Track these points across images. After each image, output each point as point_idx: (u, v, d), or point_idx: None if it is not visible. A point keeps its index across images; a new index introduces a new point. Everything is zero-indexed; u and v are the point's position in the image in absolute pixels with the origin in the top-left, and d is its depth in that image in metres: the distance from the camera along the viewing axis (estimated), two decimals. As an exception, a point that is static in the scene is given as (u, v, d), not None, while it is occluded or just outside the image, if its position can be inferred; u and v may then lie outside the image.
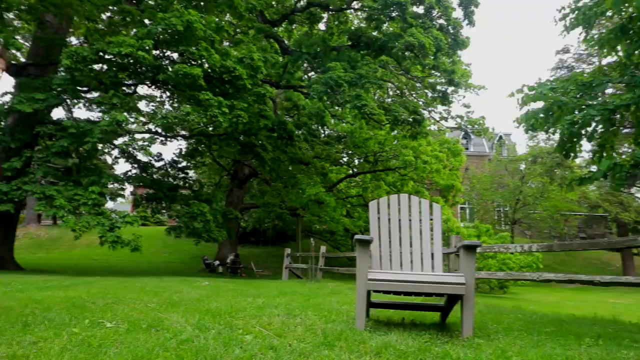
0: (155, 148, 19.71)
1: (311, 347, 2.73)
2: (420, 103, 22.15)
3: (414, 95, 23.26)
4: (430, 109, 23.85)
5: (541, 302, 15.35)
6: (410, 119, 16.72)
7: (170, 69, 13.52)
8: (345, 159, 25.29)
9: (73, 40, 17.62)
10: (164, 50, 14.27)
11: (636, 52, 6.12)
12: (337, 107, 18.45)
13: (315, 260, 13.23)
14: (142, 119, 20.71)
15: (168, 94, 18.09)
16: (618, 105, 5.47)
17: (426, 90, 21.31)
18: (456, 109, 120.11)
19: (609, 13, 6.13)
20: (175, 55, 14.57)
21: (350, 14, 19.81)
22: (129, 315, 3.67)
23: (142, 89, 18.12)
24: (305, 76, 22.12)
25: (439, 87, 19.32)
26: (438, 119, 24.87)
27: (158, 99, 20.14)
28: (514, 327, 4.01)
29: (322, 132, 24.82)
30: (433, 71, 17.42)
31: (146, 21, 13.57)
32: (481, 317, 4.70)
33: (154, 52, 13.43)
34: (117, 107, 12.56)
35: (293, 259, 16.27)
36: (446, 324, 4.04)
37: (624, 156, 6.44)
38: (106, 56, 12.52)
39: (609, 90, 9.34)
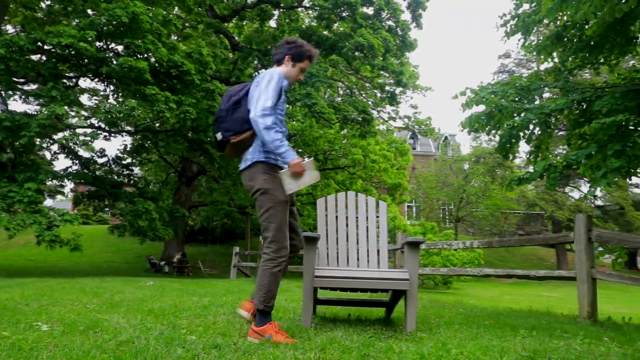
0: (98, 144, 18.97)
1: (256, 345, 2.72)
2: (370, 103, 22.48)
3: (364, 95, 23.59)
4: (379, 109, 24.26)
5: (482, 296, 16.00)
6: (360, 119, 16.96)
7: (114, 62, 13.03)
8: (295, 157, 25.24)
9: (9, 28, 16.64)
10: (108, 42, 13.73)
11: (570, 58, 6.48)
12: (287, 105, 18.40)
13: (264, 259, 13.13)
14: (84, 113, 19.81)
15: (112, 87, 17.42)
16: (553, 109, 5.77)
17: (375, 91, 21.64)
18: (404, 110, 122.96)
19: (545, 21, 6.45)
20: (120, 48, 14.05)
21: (301, 12, 19.83)
22: (65, 317, 3.51)
23: (85, 82, 17.37)
24: (256, 73, 21.92)
25: (387, 88, 19.68)
26: (386, 119, 25.33)
27: (102, 93, 19.36)
28: (455, 321, 4.14)
29: (272, 130, 24.64)
30: (382, 72, 17.73)
31: (89, 11, 13.02)
32: (424, 311, 4.83)
33: (97, 43, 12.89)
34: (57, 100, 11.99)
35: (242, 257, 16.10)
36: (391, 319, 4.12)
37: (558, 157, 6.80)
38: (45, 46, 11.92)
39: (546, 95, 9.82)
